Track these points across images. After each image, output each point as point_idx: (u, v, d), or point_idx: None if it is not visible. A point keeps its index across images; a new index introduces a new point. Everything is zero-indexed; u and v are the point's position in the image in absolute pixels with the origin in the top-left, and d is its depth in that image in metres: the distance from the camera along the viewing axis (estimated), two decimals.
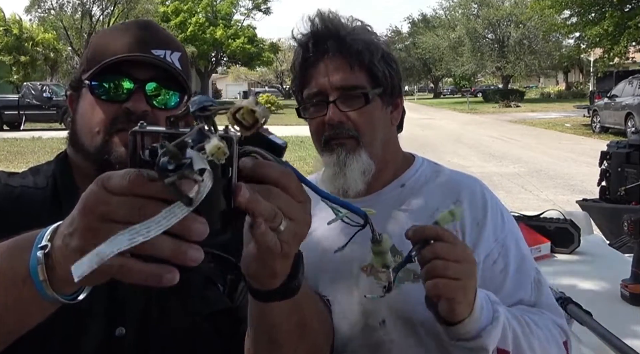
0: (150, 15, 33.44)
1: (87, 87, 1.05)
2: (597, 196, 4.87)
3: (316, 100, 1.26)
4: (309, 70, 1.26)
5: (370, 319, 1.22)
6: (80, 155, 1.06)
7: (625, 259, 2.52)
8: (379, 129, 1.27)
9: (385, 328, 1.21)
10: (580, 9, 23.30)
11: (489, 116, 29.37)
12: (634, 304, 2.04)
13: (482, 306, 1.02)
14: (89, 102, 1.05)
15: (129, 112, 1.01)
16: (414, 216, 1.24)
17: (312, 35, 1.26)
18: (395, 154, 1.35)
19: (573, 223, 2.63)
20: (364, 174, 1.23)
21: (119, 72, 1.03)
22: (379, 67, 1.25)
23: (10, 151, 14.62)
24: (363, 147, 1.24)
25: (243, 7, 49.49)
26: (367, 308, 1.22)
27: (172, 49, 1.06)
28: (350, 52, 1.23)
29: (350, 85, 1.23)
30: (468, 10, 47.87)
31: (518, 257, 1.24)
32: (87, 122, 1.04)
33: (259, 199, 0.61)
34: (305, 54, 1.26)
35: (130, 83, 1.03)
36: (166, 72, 1.04)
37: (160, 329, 0.97)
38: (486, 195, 1.28)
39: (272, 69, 56.24)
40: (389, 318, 1.20)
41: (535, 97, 49.46)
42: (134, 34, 1.06)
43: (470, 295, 1.00)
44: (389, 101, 1.30)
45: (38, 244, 0.63)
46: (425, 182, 1.31)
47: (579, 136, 18.43)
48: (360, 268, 1.24)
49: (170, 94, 1.06)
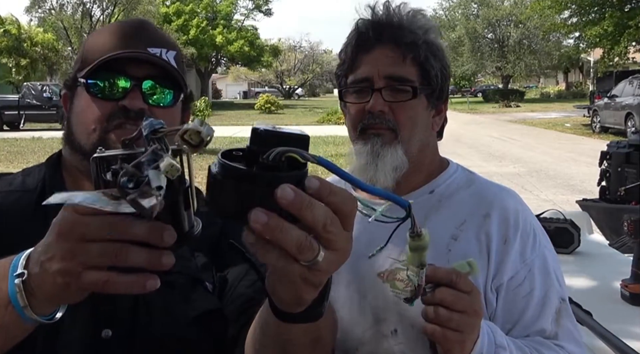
0: (151, 16, 33.39)
1: (82, 85, 1.04)
2: (597, 196, 4.87)
3: (361, 86, 1.22)
4: (360, 56, 1.22)
5: (382, 327, 1.18)
6: (77, 154, 1.05)
7: (625, 259, 2.52)
8: (419, 127, 1.22)
9: (396, 337, 1.17)
10: (580, 9, 23.29)
11: (489, 116, 29.36)
12: (634, 304, 2.04)
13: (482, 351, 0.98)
14: (84, 100, 1.03)
15: (125, 109, 1.00)
16: (440, 226, 1.19)
17: (372, 21, 1.22)
18: (432, 160, 1.29)
19: (573, 223, 2.63)
20: (396, 170, 1.18)
21: (114, 70, 1.02)
22: (433, 65, 1.21)
23: (10, 151, 14.61)
24: (400, 142, 1.19)
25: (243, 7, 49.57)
26: (379, 316, 1.19)
27: (167, 47, 1.06)
28: (406, 44, 1.19)
29: (399, 76, 1.19)
30: (468, 10, 47.86)
31: (546, 284, 1.16)
32: (83, 120, 1.03)
33: (282, 228, 0.53)
34: (360, 38, 1.22)
35: (127, 81, 1.02)
36: (162, 70, 1.04)
37: (146, 331, 0.96)
38: (519, 212, 1.20)
39: (273, 69, 56.15)
40: (401, 328, 1.16)
41: (535, 97, 49.44)
42: (129, 32, 1.05)
43: (468, 346, 0.96)
44: (434, 104, 1.25)
45: (14, 273, 0.66)
46: (456, 191, 1.24)
47: (579, 136, 18.42)
48: (377, 274, 1.20)
49: (166, 92, 1.06)
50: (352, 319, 1.19)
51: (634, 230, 2.29)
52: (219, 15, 45.57)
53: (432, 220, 1.20)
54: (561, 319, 1.16)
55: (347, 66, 1.25)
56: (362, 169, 1.19)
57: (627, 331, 1.84)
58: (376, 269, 1.20)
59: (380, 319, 1.18)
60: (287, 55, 57.01)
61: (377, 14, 1.23)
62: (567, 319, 1.17)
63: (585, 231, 2.80)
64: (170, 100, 1.06)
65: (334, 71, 1.33)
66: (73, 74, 1.07)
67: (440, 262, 1.15)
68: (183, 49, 45.40)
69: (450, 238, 1.18)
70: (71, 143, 1.06)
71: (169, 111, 1.06)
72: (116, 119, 1.00)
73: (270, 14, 49.68)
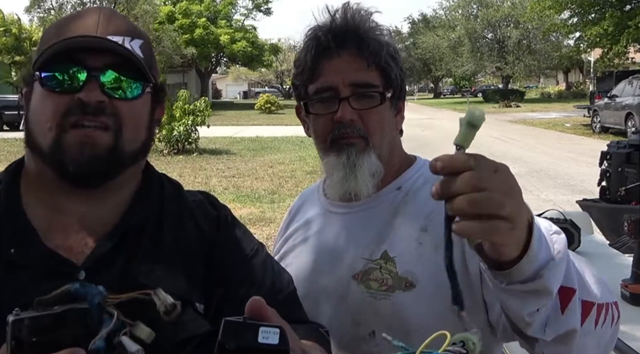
0: (150, 15, 33.37)
1: (37, 80, 0.95)
2: (597, 196, 4.86)
3: (325, 95, 1.19)
4: (321, 64, 1.19)
5: (360, 330, 1.17)
6: (37, 158, 0.96)
7: (625, 259, 2.52)
8: (387, 131, 1.23)
9: (374, 339, 1.16)
10: (580, 9, 23.28)
11: (489, 116, 28.70)
12: (634, 304, 2.04)
13: (541, 239, 0.80)
14: (39, 96, 0.95)
15: (82, 103, 0.91)
16: (408, 220, 1.19)
17: (331, 28, 1.20)
18: (399, 157, 1.30)
19: (573, 223, 2.63)
20: (373, 176, 1.18)
21: (70, 60, 0.92)
22: (393, 68, 1.21)
23: (10, 151, 14.61)
24: (372, 148, 1.18)
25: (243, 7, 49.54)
26: (356, 318, 1.18)
27: (132, 36, 0.97)
28: (368, 50, 1.18)
29: (365, 82, 1.18)
30: (468, 10, 47.87)
31: None
32: (39, 118, 0.95)
33: None
34: (320, 46, 1.19)
35: (83, 71, 0.92)
36: (126, 60, 0.94)
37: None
38: None
39: (273, 69, 56.16)
40: (379, 329, 1.13)
41: (536, 97, 49.42)
42: (88, 20, 0.96)
43: (520, 235, 0.76)
44: (396, 104, 1.26)
45: None
46: (423, 185, 1.24)
47: (579, 136, 18.42)
48: (351, 276, 1.20)
49: (131, 84, 0.96)
50: (329, 326, 1.16)
51: (634, 230, 2.28)
52: (218, 15, 45.56)
53: (401, 215, 1.20)
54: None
55: (307, 75, 1.21)
56: (341, 181, 1.19)
57: (627, 331, 1.84)
58: (350, 272, 1.20)
59: (357, 322, 1.18)
60: (287, 55, 57.00)
61: (336, 20, 1.21)
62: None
63: (585, 231, 2.80)
64: (136, 92, 0.97)
65: None
66: (31, 68, 0.97)
67: (411, 257, 1.15)
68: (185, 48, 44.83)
69: (419, 231, 1.18)
70: (31, 145, 0.97)
71: (134, 103, 0.97)
72: (72, 115, 0.91)
73: (269, 13, 49.73)
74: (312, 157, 13.26)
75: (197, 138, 14.41)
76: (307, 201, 1.41)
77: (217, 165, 12.47)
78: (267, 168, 12.07)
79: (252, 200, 8.78)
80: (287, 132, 19.01)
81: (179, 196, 1.09)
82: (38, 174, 0.99)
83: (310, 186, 1.47)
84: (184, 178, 10.70)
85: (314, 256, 1.28)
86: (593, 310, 0.91)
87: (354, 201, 1.23)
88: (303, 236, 1.34)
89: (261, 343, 0.59)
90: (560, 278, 0.83)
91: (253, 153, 14.66)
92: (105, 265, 0.94)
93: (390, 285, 1.15)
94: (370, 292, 1.16)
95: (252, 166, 12.36)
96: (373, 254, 1.19)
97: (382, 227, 1.21)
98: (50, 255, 0.93)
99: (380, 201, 1.24)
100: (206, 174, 11.38)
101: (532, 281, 0.80)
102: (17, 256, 0.92)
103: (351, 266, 1.20)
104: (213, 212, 1.10)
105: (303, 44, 1.24)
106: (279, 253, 1.37)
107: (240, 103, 50.73)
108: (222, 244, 1.06)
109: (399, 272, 1.15)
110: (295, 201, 1.47)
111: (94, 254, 0.94)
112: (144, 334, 0.68)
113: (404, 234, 1.19)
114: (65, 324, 0.68)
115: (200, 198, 1.12)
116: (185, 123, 13.97)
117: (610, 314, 0.95)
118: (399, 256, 1.17)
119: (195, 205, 1.09)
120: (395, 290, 1.14)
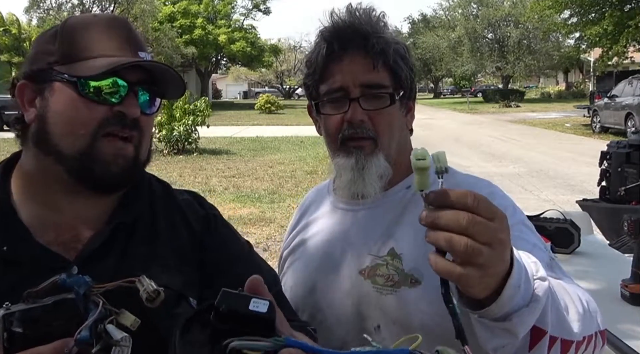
0: (148, 15, 33.33)
1: (64, 82, 0.95)
2: (597, 196, 4.86)
3: (336, 96, 1.21)
4: (331, 65, 1.21)
5: (365, 323, 1.19)
6: (51, 158, 0.96)
7: (625, 259, 2.52)
8: (396, 131, 1.23)
9: (380, 333, 1.18)
10: (580, 9, 23.28)
11: (489, 116, 29.35)
12: (634, 304, 2.04)
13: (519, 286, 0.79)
14: (69, 100, 0.94)
15: (122, 115, 0.95)
16: (416, 218, 1.18)
17: (337, 30, 1.21)
18: (409, 156, 1.30)
19: (573, 223, 2.63)
20: (381, 178, 1.19)
21: (114, 73, 0.95)
22: (403, 68, 1.21)
23: (10, 151, 14.51)
24: (380, 149, 1.19)
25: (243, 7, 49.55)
26: (362, 312, 1.20)
27: (146, 50, 1.01)
28: (375, 51, 1.19)
29: (374, 83, 1.19)
30: (468, 10, 47.87)
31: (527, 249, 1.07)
32: (69, 121, 0.94)
33: None
34: (329, 48, 1.21)
35: (125, 86, 0.95)
36: (149, 76, 0.99)
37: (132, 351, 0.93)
38: (494, 194, 1.19)
39: (273, 69, 56.14)
40: (384, 323, 1.18)
41: (535, 97, 49.43)
42: (117, 34, 0.99)
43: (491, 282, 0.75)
44: (406, 104, 1.27)
45: None
46: (433, 183, 1.25)
47: (579, 136, 18.43)
48: (358, 271, 1.22)
49: (155, 100, 1.02)
50: (336, 320, 1.20)
51: (634, 230, 2.29)
52: (218, 15, 45.55)
53: (409, 213, 1.21)
54: (556, 270, 1.13)
55: (318, 76, 1.23)
56: (348, 184, 1.21)
57: (627, 331, 1.84)
58: (357, 267, 1.22)
59: (363, 316, 1.20)
60: (287, 55, 56.99)
61: (344, 21, 1.22)
62: (560, 271, 1.14)
63: (585, 231, 2.80)
64: (155, 109, 1.03)
65: None
66: (44, 65, 0.96)
67: (418, 255, 1.15)
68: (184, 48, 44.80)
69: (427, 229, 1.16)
70: (45, 145, 0.97)
71: (152, 118, 1.03)
72: (110, 126, 0.94)
73: (269, 13, 49.71)
74: (312, 157, 13.27)
75: (197, 138, 14.42)
76: (319, 197, 1.43)
77: (217, 165, 12.48)
78: (267, 168, 12.08)
79: (252, 200, 8.78)
80: (287, 132, 19.03)
81: (168, 195, 1.12)
82: (37, 173, 0.99)
83: (324, 181, 1.50)
84: (184, 178, 10.70)
85: (323, 250, 1.30)
86: (572, 348, 0.91)
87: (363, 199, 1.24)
88: (313, 230, 1.36)
89: (251, 310, 0.65)
90: (531, 322, 0.82)
91: (253, 153, 14.66)
92: (98, 260, 0.96)
93: (396, 281, 1.17)
94: (377, 287, 1.19)
95: (252, 166, 12.37)
96: (380, 251, 1.21)
97: (390, 225, 1.23)
98: (42, 251, 0.94)
99: (389, 199, 1.26)
100: (206, 174, 11.38)
101: (501, 321, 0.80)
102: (9, 253, 0.93)
103: (358, 261, 1.22)
104: (202, 211, 1.13)
105: (314, 45, 1.26)
106: (289, 247, 1.40)
107: (240, 103, 50.71)
108: (212, 243, 1.08)
109: (405, 269, 1.17)
110: (309, 194, 1.50)
111: (86, 249, 0.96)
112: (129, 322, 0.70)
113: (411, 232, 1.19)
114: (55, 315, 0.71)
115: (189, 198, 1.15)
116: (185, 123, 13.97)
117: (592, 345, 0.96)
118: (406, 254, 1.18)
119: (185, 204, 1.12)
120: (401, 286, 1.16)
